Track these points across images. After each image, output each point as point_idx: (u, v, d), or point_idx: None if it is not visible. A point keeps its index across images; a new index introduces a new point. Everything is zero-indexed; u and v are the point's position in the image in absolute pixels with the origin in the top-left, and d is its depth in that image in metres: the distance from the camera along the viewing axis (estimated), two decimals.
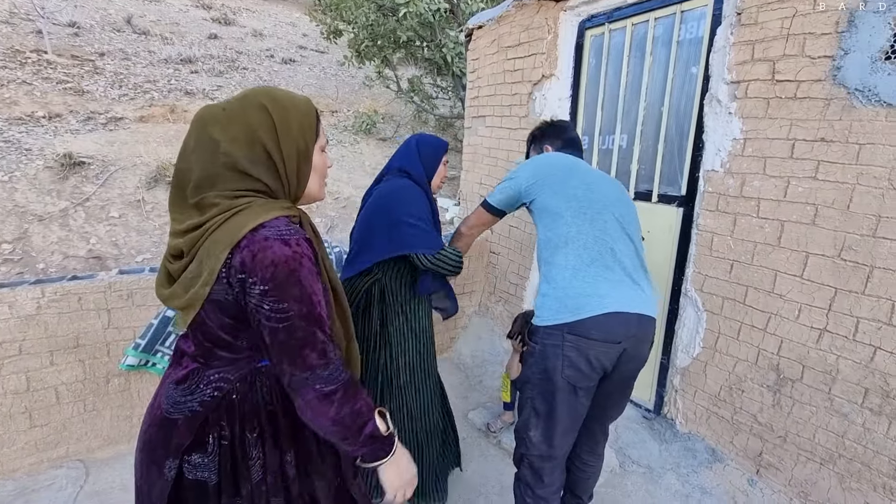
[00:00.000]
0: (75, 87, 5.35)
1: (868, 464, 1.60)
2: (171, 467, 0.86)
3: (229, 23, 9.59)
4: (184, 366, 0.89)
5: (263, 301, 0.75)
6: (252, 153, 0.79)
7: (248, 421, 0.88)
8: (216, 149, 0.78)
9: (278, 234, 0.77)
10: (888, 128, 1.47)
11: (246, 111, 0.80)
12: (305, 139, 0.85)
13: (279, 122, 0.81)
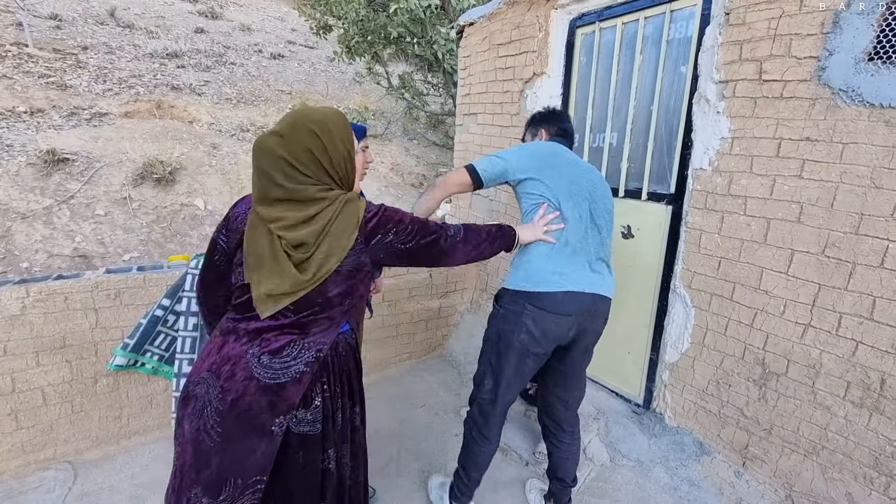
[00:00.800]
0: (58, 82, 5.23)
1: (850, 455, 1.65)
2: (282, 423, 1.02)
3: (216, 17, 9.44)
4: (272, 340, 1.04)
5: (397, 238, 1.09)
6: (315, 167, 1.04)
7: (338, 377, 1.12)
8: (290, 164, 1.01)
9: (375, 206, 1.11)
10: (870, 127, 1.50)
11: (300, 137, 1.02)
12: (347, 148, 1.09)
13: (327, 143, 1.04)
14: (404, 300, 2.96)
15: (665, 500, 1.94)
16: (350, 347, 1.18)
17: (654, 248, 2.21)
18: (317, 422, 1.07)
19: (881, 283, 1.52)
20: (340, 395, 1.14)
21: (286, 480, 1.07)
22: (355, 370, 1.22)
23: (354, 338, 1.22)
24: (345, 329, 1.16)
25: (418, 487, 2.02)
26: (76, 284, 2.00)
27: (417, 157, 6.35)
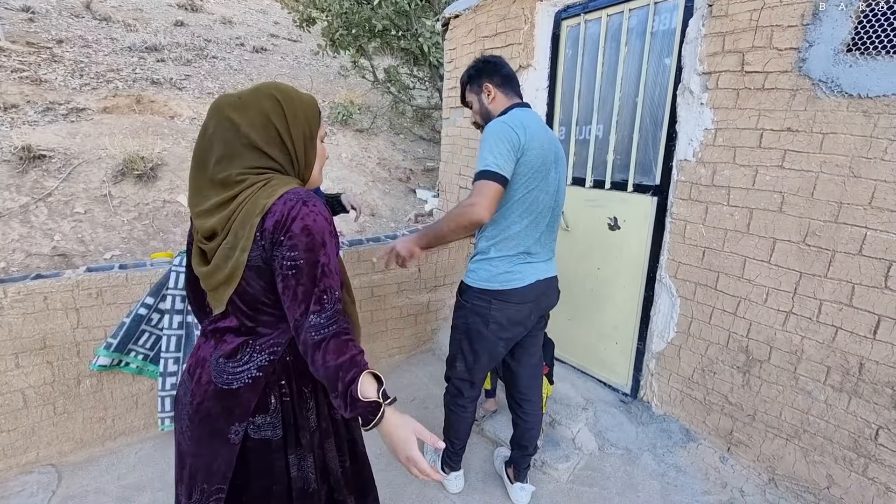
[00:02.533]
0: (32, 76, 5.07)
1: (830, 438, 1.69)
2: (238, 431, 0.95)
3: (196, 9, 9.23)
4: (228, 342, 0.97)
5: (283, 251, 0.86)
6: (267, 135, 0.91)
7: (302, 377, 1.00)
8: (237, 129, 0.89)
9: (299, 198, 0.88)
10: (849, 118, 1.53)
11: (260, 100, 0.92)
12: (310, 126, 0.98)
13: (288, 110, 0.93)
14: (392, 295, 2.95)
15: (653, 486, 1.97)
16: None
17: (640, 239, 2.24)
18: (277, 426, 0.98)
19: (860, 270, 1.56)
20: (312, 394, 1.03)
21: (252, 488, 1.00)
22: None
23: None
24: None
25: (409, 481, 2.02)
26: (56, 284, 1.95)
27: (404, 151, 6.31)
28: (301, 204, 0.87)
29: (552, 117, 2.66)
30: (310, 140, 0.98)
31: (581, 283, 2.54)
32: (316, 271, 0.86)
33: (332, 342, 0.85)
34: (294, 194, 0.88)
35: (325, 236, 0.88)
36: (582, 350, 2.63)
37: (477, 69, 1.61)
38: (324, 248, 0.87)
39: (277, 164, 0.93)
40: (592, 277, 2.49)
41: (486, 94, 1.59)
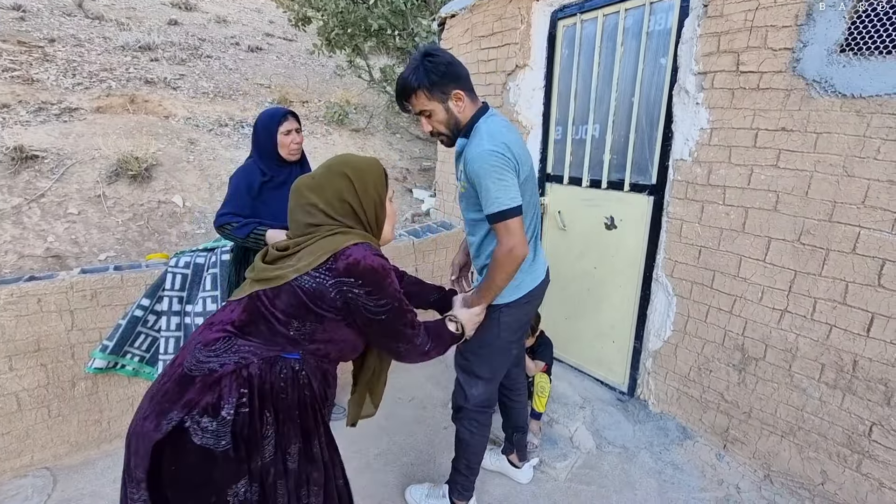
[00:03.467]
0: (24, 76, 5.02)
1: (824, 434, 1.71)
2: (172, 419, 0.90)
3: (190, 8, 9.17)
4: (217, 329, 1.01)
5: (368, 299, 1.02)
6: (343, 209, 1.08)
7: (266, 399, 0.98)
8: (315, 207, 1.07)
9: (371, 249, 1.05)
10: (842, 117, 1.55)
11: (333, 180, 1.09)
12: (379, 193, 1.14)
13: (359, 186, 1.09)
14: None
15: (650, 484, 1.99)
16: (295, 379, 1.02)
17: (637, 238, 2.25)
18: (221, 438, 0.90)
19: (853, 269, 1.57)
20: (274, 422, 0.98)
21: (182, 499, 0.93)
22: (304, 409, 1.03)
23: (307, 377, 1.05)
24: (291, 356, 1.03)
25: (407, 482, 2.02)
26: (50, 285, 1.93)
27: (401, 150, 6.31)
28: (373, 254, 1.04)
29: (548, 117, 2.67)
30: (380, 206, 1.14)
31: (578, 283, 2.55)
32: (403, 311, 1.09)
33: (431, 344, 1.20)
34: (367, 245, 1.05)
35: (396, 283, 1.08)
36: (579, 349, 2.64)
37: (440, 73, 1.35)
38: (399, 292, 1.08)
39: (357, 222, 1.11)
40: (589, 277, 2.50)
41: (457, 103, 1.40)
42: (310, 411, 1.05)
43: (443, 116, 1.41)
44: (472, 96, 1.44)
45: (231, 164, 4.57)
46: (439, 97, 1.38)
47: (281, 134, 1.88)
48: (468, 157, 1.37)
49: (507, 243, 1.34)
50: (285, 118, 1.90)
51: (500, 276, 1.39)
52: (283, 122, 1.89)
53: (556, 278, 1.75)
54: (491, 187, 1.32)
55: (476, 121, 1.43)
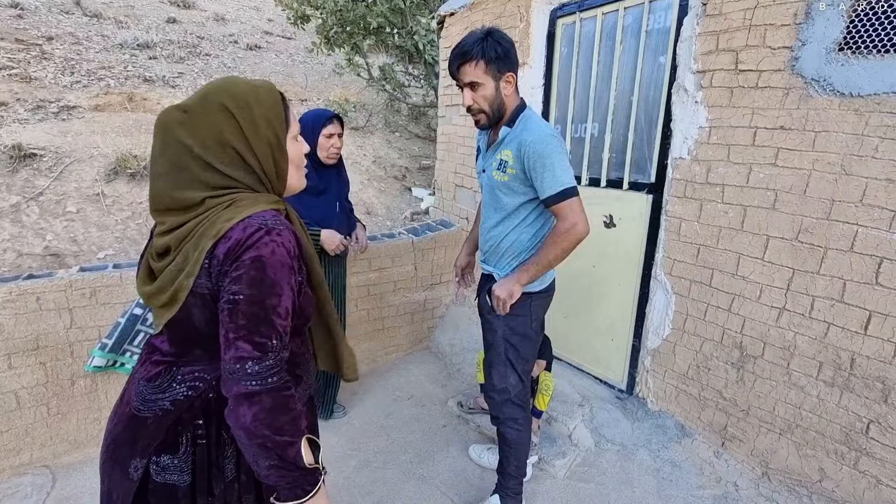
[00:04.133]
0: (21, 74, 5.01)
1: (822, 432, 1.71)
2: (138, 467, 0.84)
3: (189, 6, 9.14)
4: (154, 362, 0.87)
5: (227, 283, 0.74)
6: (225, 155, 0.79)
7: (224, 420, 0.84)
8: (189, 152, 0.78)
9: (262, 224, 0.77)
10: (841, 116, 1.55)
11: (210, 114, 0.78)
12: (276, 132, 0.83)
13: (244, 123, 0.80)
14: (389, 293, 2.95)
15: (648, 481, 1.99)
16: None
17: (636, 236, 2.25)
18: (185, 472, 0.84)
19: (851, 267, 1.58)
20: (230, 443, 0.86)
21: None
22: None
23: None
24: None
25: (406, 479, 2.03)
26: (49, 284, 1.93)
27: (400, 149, 6.30)
28: (263, 232, 0.76)
29: (548, 116, 2.67)
30: (278, 150, 0.84)
31: (577, 281, 2.55)
32: (260, 312, 0.74)
33: (268, 397, 0.72)
34: (258, 219, 0.77)
35: (279, 272, 0.75)
36: (578, 347, 2.64)
37: (503, 51, 1.39)
38: (276, 287, 0.75)
39: (242, 183, 0.82)
40: (588, 275, 2.50)
41: (507, 85, 1.44)
42: None
43: (490, 93, 1.43)
44: (517, 89, 1.51)
45: None
46: (494, 73, 1.40)
47: (323, 136, 1.87)
48: (526, 140, 1.40)
49: (570, 219, 1.37)
50: (330, 121, 1.88)
51: (555, 251, 1.40)
52: (327, 124, 1.87)
53: (556, 276, 1.75)
54: (557, 167, 1.37)
55: (521, 111, 1.49)
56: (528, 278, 1.47)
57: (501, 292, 1.48)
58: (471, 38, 1.40)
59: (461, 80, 1.44)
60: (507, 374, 1.64)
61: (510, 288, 1.47)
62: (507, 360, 1.63)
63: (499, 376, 1.65)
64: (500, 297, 1.48)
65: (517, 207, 1.51)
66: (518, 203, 1.50)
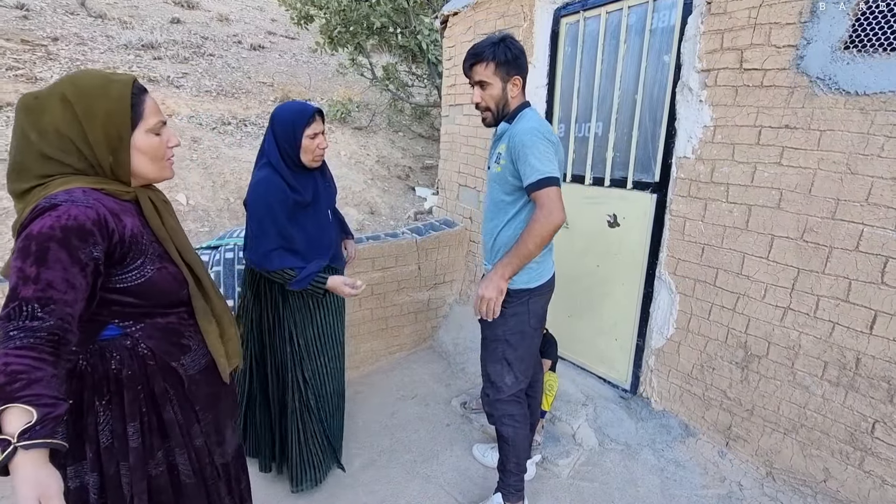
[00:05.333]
0: (27, 74, 5.04)
1: (827, 432, 1.71)
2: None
3: (192, 6, 9.18)
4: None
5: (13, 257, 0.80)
6: (61, 143, 0.85)
7: (97, 389, 0.93)
8: (27, 142, 0.85)
9: (47, 203, 0.81)
10: (846, 115, 1.54)
11: (52, 104, 0.84)
12: (116, 127, 0.88)
13: (83, 114, 0.85)
14: (393, 293, 2.96)
15: (652, 481, 1.99)
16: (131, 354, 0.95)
17: (640, 236, 2.25)
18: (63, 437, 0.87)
19: (856, 266, 1.57)
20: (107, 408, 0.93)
21: None
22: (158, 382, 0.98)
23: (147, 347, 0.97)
24: (112, 334, 0.94)
25: (410, 478, 2.03)
26: None
27: (403, 149, 6.31)
28: (43, 210, 0.80)
29: (551, 115, 2.66)
30: (118, 141, 0.89)
31: (581, 281, 2.55)
32: (11, 280, 0.78)
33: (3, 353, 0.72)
34: (49, 198, 0.81)
35: (43, 243, 0.78)
36: (582, 347, 2.64)
37: (512, 56, 1.49)
38: (31, 257, 0.77)
39: (75, 168, 0.87)
40: (592, 275, 2.50)
41: (513, 87, 1.53)
42: (158, 379, 0.98)
43: (497, 93, 1.53)
44: (523, 92, 1.58)
45: (234, 163, 4.59)
46: (502, 76, 1.51)
47: (307, 137, 1.59)
48: (514, 132, 1.47)
49: (547, 207, 1.37)
50: (313, 118, 1.60)
51: (533, 240, 1.39)
52: (310, 122, 1.59)
53: (559, 276, 1.75)
54: (535, 158, 1.40)
55: (521, 109, 1.56)
56: (511, 271, 1.44)
57: (488, 291, 1.43)
58: (486, 41, 1.52)
59: (472, 78, 1.55)
60: (502, 373, 1.64)
61: (497, 285, 1.43)
62: (503, 360, 1.63)
63: (495, 374, 1.66)
64: (487, 297, 1.43)
65: (511, 201, 1.54)
66: (510, 196, 1.54)
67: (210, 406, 1.11)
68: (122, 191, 0.93)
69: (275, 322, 1.78)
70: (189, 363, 1.04)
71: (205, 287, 1.07)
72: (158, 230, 0.99)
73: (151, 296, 0.95)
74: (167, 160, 1.01)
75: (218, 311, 1.10)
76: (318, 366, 1.84)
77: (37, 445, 0.69)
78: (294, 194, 1.61)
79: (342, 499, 1.91)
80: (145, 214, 0.97)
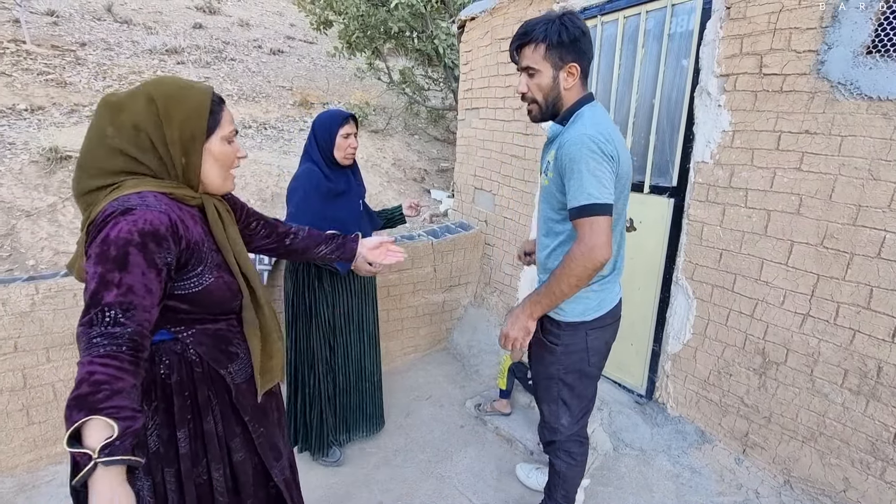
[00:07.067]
0: (57, 79, 5.23)
1: (847, 441, 1.68)
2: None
3: (214, 12, 9.40)
4: None
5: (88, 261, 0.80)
6: (138, 140, 0.87)
7: (146, 394, 0.93)
8: (103, 134, 0.87)
9: (120, 205, 0.81)
10: (868, 120, 1.53)
11: (135, 102, 0.87)
12: (192, 129, 0.91)
13: (163, 113, 0.88)
14: (408, 294, 2.99)
15: (668, 486, 1.98)
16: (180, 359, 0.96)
17: (657, 240, 2.24)
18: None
19: (878, 273, 1.55)
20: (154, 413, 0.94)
21: None
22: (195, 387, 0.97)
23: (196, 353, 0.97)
24: (163, 338, 0.95)
25: (424, 478, 2.06)
26: None
27: (419, 152, 6.36)
28: (118, 213, 0.80)
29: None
30: (191, 142, 0.91)
31: None
32: (91, 285, 0.76)
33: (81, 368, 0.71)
34: (121, 200, 0.82)
35: (122, 247, 0.78)
36: None
37: (569, 37, 1.20)
38: (110, 261, 0.77)
39: (147, 167, 0.89)
40: None
41: (568, 77, 1.25)
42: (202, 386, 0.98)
43: (546, 82, 1.26)
44: (584, 82, 1.29)
45: (254, 165, 4.68)
46: (554, 61, 1.23)
47: (340, 136, 1.87)
48: (564, 141, 1.21)
49: (588, 241, 1.13)
50: (347, 121, 1.89)
51: (568, 278, 1.17)
52: (344, 124, 1.88)
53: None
54: (584, 176, 1.14)
55: (579, 108, 1.28)
56: (541, 310, 1.26)
57: (514, 331, 1.26)
58: (540, 18, 1.24)
59: (519, 63, 1.29)
60: (558, 414, 1.47)
61: (524, 325, 1.26)
62: (559, 400, 1.45)
63: (550, 415, 1.50)
64: (512, 337, 1.27)
65: (559, 220, 1.31)
66: (558, 215, 1.30)
67: (260, 417, 1.09)
68: (189, 196, 0.94)
69: (310, 300, 1.99)
70: (236, 371, 1.03)
71: (258, 298, 1.06)
72: (220, 238, 0.99)
73: (205, 304, 0.95)
74: (232, 171, 1.03)
75: (267, 325, 1.07)
76: (343, 344, 2.09)
77: (116, 462, 0.66)
78: (328, 182, 1.88)
79: (357, 497, 1.94)
80: (209, 221, 0.97)
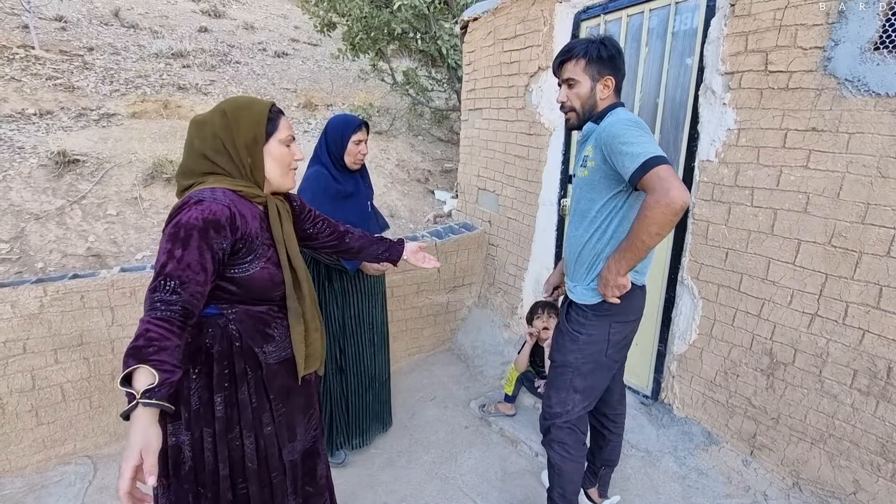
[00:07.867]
0: (65, 83, 5.29)
1: (857, 442, 1.66)
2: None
3: (219, 15, 9.46)
4: None
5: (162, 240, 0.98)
6: (215, 145, 1.08)
7: (193, 358, 1.08)
8: (193, 145, 1.10)
9: (198, 196, 1.01)
10: (876, 117, 1.51)
11: (214, 116, 1.10)
12: (254, 133, 1.10)
13: (233, 122, 1.08)
14: (412, 295, 2.99)
15: (674, 488, 1.96)
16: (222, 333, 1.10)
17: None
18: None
19: (888, 272, 1.53)
20: (198, 377, 1.08)
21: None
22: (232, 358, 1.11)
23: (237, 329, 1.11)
24: (210, 312, 1.10)
25: (429, 479, 2.05)
26: (92, 283, 2.04)
27: (423, 152, 6.36)
28: (193, 202, 1.00)
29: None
30: (253, 144, 1.10)
31: None
32: (161, 257, 0.95)
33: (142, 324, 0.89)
34: (197, 193, 1.02)
35: (188, 231, 0.96)
36: None
37: (606, 55, 1.38)
38: (179, 241, 0.95)
39: (222, 168, 1.09)
40: None
41: (603, 88, 1.41)
42: (239, 359, 1.12)
43: (585, 92, 1.42)
44: (617, 94, 1.46)
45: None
46: (592, 73, 1.40)
47: (352, 142, 1.90)
48: (601, 130, 1.34)
49: (662, 188, 1.14)
50: (360, 128, 1.92)
51: (647, 230, 1.18)
52: (357, 131, 1.91)
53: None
54: (632, 142, 1.22)
55: (612, 109, 1.43)
56: (626, 265, 1.28)
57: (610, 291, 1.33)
58: (582, 39, 1.45)
59: (561, 76, 1.46)
60: (567, 401, 1.52)
61: (617, 283, 1.31)
62: (571, 387, 1.50)
63: (558, 400, 1.53)
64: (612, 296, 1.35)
65: (599, 208, 1.39)
66: (598, 203, 1.39)
67: (283, 398, 1.21)
68: (255, 194, 1.12)
69: (320, 301, 1.99)
70: (270, 351, 1.16)
71: (303, 292, 1.21)
72: (276, 234, 1.15)
73: (249, 288, 1.10)
74: (291, 170, 1.20)
75: (308, 316, 1.22)
76: (353, 345, 2.10)
77: (152, 405, 0.83)
78: (337, 185, 1.92)
79: (362, 498, 1.94)
80: (269, 219, 1.14)
